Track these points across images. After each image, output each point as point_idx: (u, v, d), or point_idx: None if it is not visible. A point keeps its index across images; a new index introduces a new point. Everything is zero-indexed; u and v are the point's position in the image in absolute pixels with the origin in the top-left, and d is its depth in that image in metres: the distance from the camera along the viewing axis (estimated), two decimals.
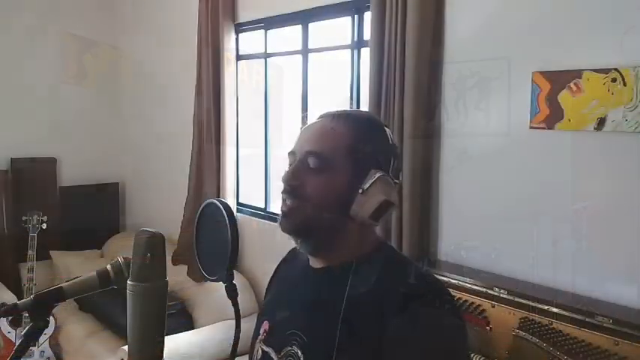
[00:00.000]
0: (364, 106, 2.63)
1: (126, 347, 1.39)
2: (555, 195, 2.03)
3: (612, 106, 1.84)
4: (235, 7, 3.48)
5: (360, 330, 0.96)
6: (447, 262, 2.36)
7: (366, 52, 2.67)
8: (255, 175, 3.64)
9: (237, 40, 3.54)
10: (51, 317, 1.82)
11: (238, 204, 3.66)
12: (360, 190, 0.99)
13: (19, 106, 4.35)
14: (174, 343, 2.87)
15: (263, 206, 3.52)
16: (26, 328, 0.95)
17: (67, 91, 4.56)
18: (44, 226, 3.74)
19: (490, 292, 2.01)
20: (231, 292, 1.01)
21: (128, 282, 0.90)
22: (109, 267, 0.98)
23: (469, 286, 2.08)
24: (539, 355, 1.82)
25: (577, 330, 1.76)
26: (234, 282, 1.01)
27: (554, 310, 1.83)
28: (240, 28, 3.52)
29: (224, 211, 1.03)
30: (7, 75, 4.31)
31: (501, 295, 1.97)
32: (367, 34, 2.63)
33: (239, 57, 3.57)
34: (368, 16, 2.58)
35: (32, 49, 4.38)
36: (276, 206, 3.36)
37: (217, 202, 1.06)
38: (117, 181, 4.81)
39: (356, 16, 2.79)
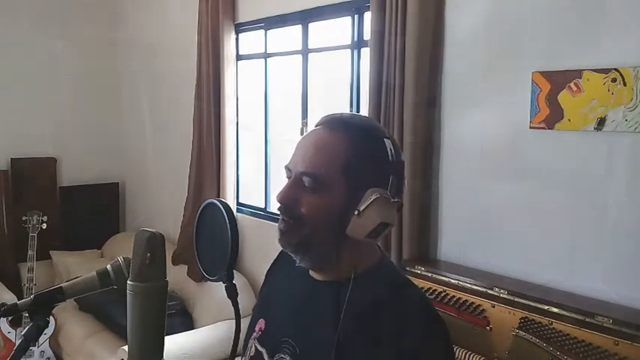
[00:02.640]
0: (364, 106, 2.62)
1: (126, 347, 1.39)
2: (555, 195, 2.03)
3: (612, 106, 1.84)
4: (235, 7, 3.48)
5: (354, 350, 0.95)
6: (447, 262, 2.36)
7: (366, 52, 2.67)
8: (255, 175, 3.65)
9: (237, 40, 3.54)
10: (51, 317, 1.82)
11: (238, 204, 3.66)
12: (356, 212, 0.96)
13: (19, 106, 4.35)
14: (174, 343, 2.87)
15: (263, 206, 3.52)
16: (26, 328, 0.96)
17: (67, 91, 4.56)
18: (44, 226, 3.75)
19: (490, 292, 2.01)
20: (231, 292, 1.01)
21: (128, 282, 0.90)
22: (109, 267, 0.98)
23: (469, 286, 2.08)
24: (539, 355, 1.82)
25: (577, 330, 1.76)
26: (234, 282, 1.01)
27: (554, 310, 1.83)
28: (240, 28, 3.52)
29: (224, 211, 1.03)
30: (7, 75, 4.31)
31: (501, 295, 1.97)
32: (367, 34, 2.63)
33: (239, 57, 3.57)
34: (368, 16, 2.58)
35: (32, 48, 4.38)
36: (276, 206, 3.36)
37: (217, 202, 1.06)
38: (117, 181, 4.81)
39: (356, 16, 2.78)
